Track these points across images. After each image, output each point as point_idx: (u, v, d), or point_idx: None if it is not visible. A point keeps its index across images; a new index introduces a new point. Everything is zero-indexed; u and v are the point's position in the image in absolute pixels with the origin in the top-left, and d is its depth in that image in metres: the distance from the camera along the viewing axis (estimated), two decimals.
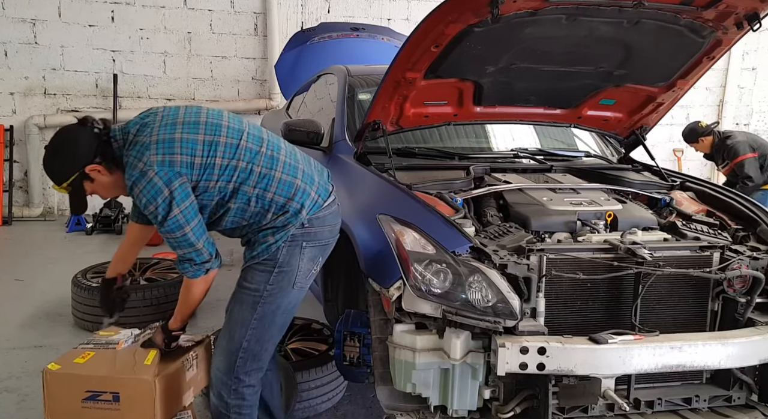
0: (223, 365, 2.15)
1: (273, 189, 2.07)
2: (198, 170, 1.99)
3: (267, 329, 2.13)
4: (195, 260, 2.03)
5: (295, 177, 2.11)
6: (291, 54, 5.65)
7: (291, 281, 2.11)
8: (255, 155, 2.07)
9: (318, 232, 2.15)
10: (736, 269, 2.28)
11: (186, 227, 1.97)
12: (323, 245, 2.20)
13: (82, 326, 3.75)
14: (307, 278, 2.17)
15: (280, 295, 2.11)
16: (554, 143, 3.51)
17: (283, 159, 2.13)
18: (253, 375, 2.15)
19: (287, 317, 2.19)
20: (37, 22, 6.69)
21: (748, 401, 2.35)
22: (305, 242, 2.11)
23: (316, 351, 3.01)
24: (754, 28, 2.57)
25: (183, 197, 1.95)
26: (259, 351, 2.14)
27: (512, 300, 2.07)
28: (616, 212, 2.51)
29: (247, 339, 2.11)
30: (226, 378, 2.14)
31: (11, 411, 2.80)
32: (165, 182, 1.93)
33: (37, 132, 6.78)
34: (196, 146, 1.99)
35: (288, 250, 2.09)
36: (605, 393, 2.07)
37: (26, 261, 5.26)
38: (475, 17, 2.37)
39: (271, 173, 2.08)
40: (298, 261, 2.11)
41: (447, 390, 2.14)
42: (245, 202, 2.07)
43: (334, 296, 3.01)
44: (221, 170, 2.02)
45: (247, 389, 2.15)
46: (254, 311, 2.10)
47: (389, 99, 2.81)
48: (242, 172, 2.04)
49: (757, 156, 5.26)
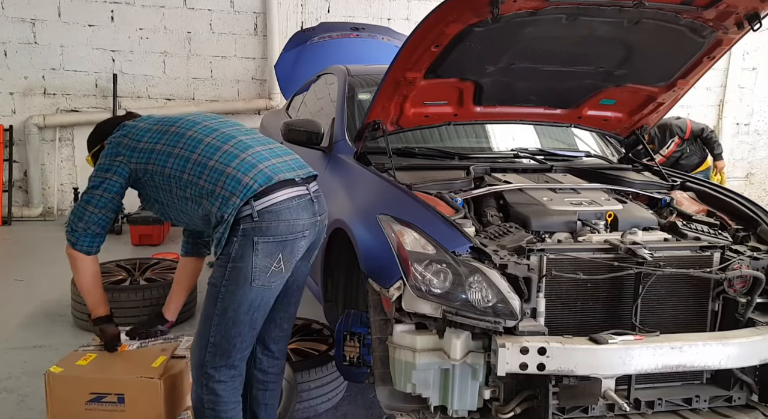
0: (194, 359, 2.15)
1: (204, 177, 2.08)
2: (138, 153, 2.18)
3: (231, 325, 2.09)
4: (69, 222, 2.23)
5: (228, 165, 2.07)
6: (291, 54, 5.64)
7: (247, 278, 2.04)
8: (197, 144, 2.14)
9: (270, 226, 2.04)
10: (737, 270, 2.28)
11: (87, 192, 2.22)
12: (281, 241, 2.07)
13: (81, 326, 3.74)
14: (268, 275, 2.07)
15: (239, 292, 2.06)
16: (554, 143, 3.51)
17: (226, 148, 2.12)
18: (222, 371, 2.11)
19: (255, 315, 2.12)
20: (36, 22, 6.69)
21: (748, 401, 2.35)
22: (256, 236, 2.03)
23: (316, 351, 3.01)
24: (755, 28, 2.57)
25: (104, 169, 2.20)
26: (227, 347, 2.10)
27: (512, 300, 2.06)
28: (616, 212, 2.51)
29: (212, 334, 2.10)
30: (197, 372, 2.14)
31: (11, 411, 2.80)
32: (105, 154, 2.23)
33: (36, 132, 6.78)
34: (145, 134, 2.21)
35: (240, 245, 2.03)
36: (605, 393, 2.07)
37: (26, 261, 5.26)
38: (475, 17, 2.36)
39: (205, 161, 2.10)
40: (252, 256, 2.03)
41: (447, 391, 2.13)
42: (182, 190, 2.13)
43: (334, 296, 3.01)
44: (158, 155, 2.15)
45: (217, 384, 2.11)
46: (215, 307, 2.09)
47: (389, 99, 2.81)
48: (177, 159, 2.13)
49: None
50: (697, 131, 5.91)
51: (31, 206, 6.91)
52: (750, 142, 8.36)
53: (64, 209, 7.01)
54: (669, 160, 5.76)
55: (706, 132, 5.92)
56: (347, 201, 2.64)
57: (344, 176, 2.93)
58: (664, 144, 5.88)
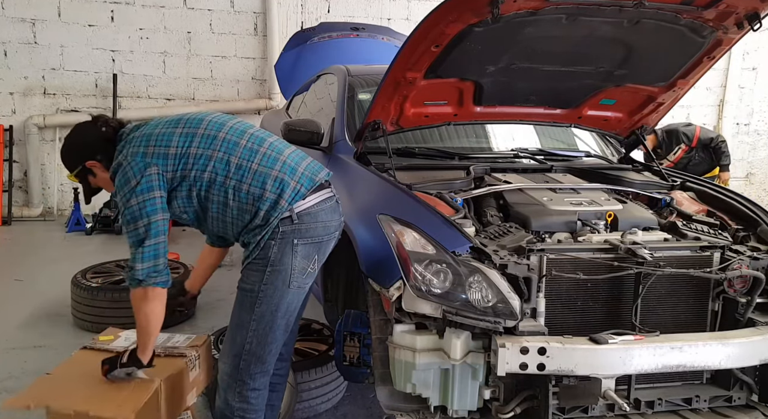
0: (228, 368, 2.13)
1: (248, 180, 2.03)
2: (172, 159, 2.02)
3: (268, 331, 2.09)
4: (134, 266, 1.99)
5: (272, 168, 2.06)
6: (291, 54, 5.64)
7: (286, 281, 2.06)
8: (233, 147, 2.07)
9: (309, 228, 2.08)
10: (737, 270, 2.28)
11: (139, 221, 1.98)
12: (317, 243, 2.12)
13: (81, 326, 3.75)
14: (305, 276, 2.11)
15: (277, 295, 2.07)
16: (554, 143, 3.51)
17: (264, 151, 2.09)
18: (258, 378, 2.12)
19: (290, 318, 2.14)
20: (36, 22, 6.69)
21: (748, 401, 2.35)
22: (296, 239, 2.05)
23: (316, 351, 3.01)
24: (755, 28, 2.57)
25: (144, 189, 1.98)
26: (263, 353, 2.11)
27: (512, 300, 2.07)
28: (616, 212, 2.51)
29: (249, 341, 2.09)
30: (231, 380, 2.12)
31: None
32: (135, 171, 1.99)
33: (36, 132, 6.78)
34: (172, 138, 2.05)
35: (279, 248, 2.04)
36: (605, 393, 2.07)
37: (26, 261, 5.26)
38: (475, 17, 2.36)
39: (247, 164, 2.05)
40: (291, 259, 2.05)
41: (447, 391, 2.13)
42: (224, 195, 2.05)
43: (334, 296, 3.01)
44: (195, 159, 2.03)
45: (251, 392, 2.12)
46: (252, 313, 2.08)
47: (389, 99, 2.81)
48: (218, 162, 2.04)
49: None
50: (706, 139, 5.75)
51: (31, 206, 6.91)
52: (750, 142, 8.36)
53: (64, 209, 7.01)
54: (677, 166, 5.65)
55: (715, 142, 5.74)
56: (347, 201, 2.63)
57: (344, 176, 2.93)
58: (671, 150, 5.76)
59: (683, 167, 5.65)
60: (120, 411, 2.04)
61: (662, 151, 5.79)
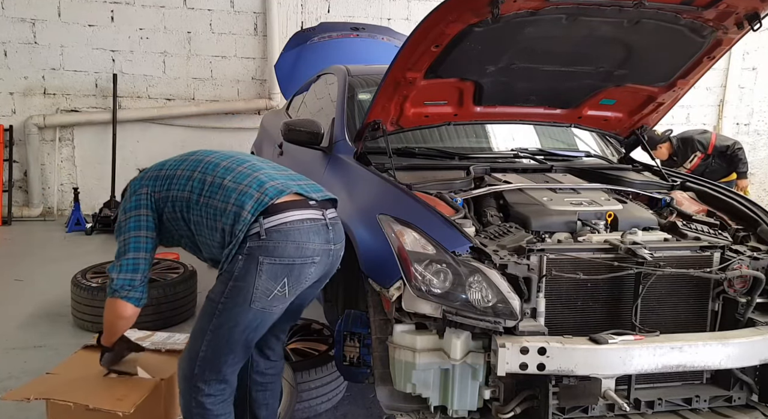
0: (183, 371, 2.08)
1: (217, 197, 2.03)
2: (161, 180, 2.12)
3: (224, 343, 2.01)
4: (111, 275, 2.06)
5: (240, 183, 2.03)
6: (291, 54, 5.64)
7: (247, 299, 1.96)
8: (213, 167, 2.10)
9: (278, 247, 1.96)
10: (737, 270, 2.28)
11: (122, 235, 2.09)
12: (288, 265, 1.98)
13: (81, 326, 3.75)
14: (269, 299, 1.98)
15: (236, 311, 1.98)
16: (554, 143, 3.51)
17: (240, 169, 2.09)
18: (212, 384, 2.04)
19: (250, 335, 2.04)
20: (36, 22, 6.69)
21: (748, 401, 2.35)
22: (261, 256, 1.94)
23: (316, 351, 3.01)
24: (755, 28, 2.57)
25: (132, 207, 2.10)
26: (218, 363, 2.03)
27: (512, 300, 2.07)
28: (616, 212, 2.51)
29: (203, 349, 2.02)
30: (185, 385, 2.06)
31: (11, 411, 2.79)
32: (129, 192, 2.15)
33: (36, 132, 6.79)
34: (166, 163, 2.18)
35: (244, 264, 1.96)
36: (605, 393, 2.07)
37: (26, 261, 5.26)
38: (475, 17, 2.36)
39: (219, 181, 2.06)
40: (254, 278, 1.95)
41: (447, 391, 2.13)
42: (198, 214, 2.06)
43: (334, 296, 3.00)
44: (178, 179, 2.11)
45: (206, 398, 2.04)
46: (210, 323, 2.02)
47: (389, 99, 2.81)
48: (195, 181, 2.08)
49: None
50: (722, 147, 5.70)
51: (31, 206, 6.92)
52: (750, 142, 8.36)
53: (64, 209, 7.02)
54: (694, 173, 5.57)
55: (731, 149, 5.68)
56: (347, 201, 2.63)
57: (344, 176, 2.93)
58: (686, 158, 5.73)
59: (700, 174, 5.56)
60: (120, 404, 2.05)
61: (678, 159, 5.77)
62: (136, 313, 2.12)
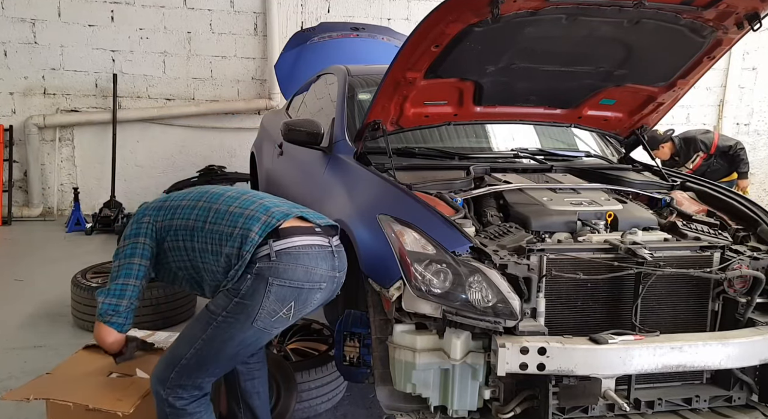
0: (159, 374, 2.06)
1: (224, 222, 2.06)
2: (164, 211, 2.15)
3: (212, 354, 2.01)
4: (98, 298, 2.08)
5: (245, 209, 2.08)
6: (291, 54, 5.65)
7: (250, 317, 1.98)
8: (218, 197, 2.16)
9: (288, 269, 1.99)
10: (737, 270, 2.28)
11: (117, 260, 2.11)
12: (296, 288, 2.01)
13: (81, 326, 3.75)
14: (273, 320, 2.00)
15: (236, 326, 1.99)
16: (554, 143, 3.51)
17: (245, 197, 2.15)
18: (187, 389, 2.04)
19: (241, 351, 2.06)
20: (36, 22, 6.69)
21: (748, 401, 2.35)
22: (271, 277, 1.97)
23: (316, 351, 3.01)
24: (755, 28, 2.57)
25: (132, 234, 2.13)
26: (197, 371, 2.03)
27: (512, 300, 2.06)
28: (616, 212, 2.51)
29: (187, 358, 2.02)
30: (159, 387, 2.04)
31: (11, 411, 2.80)
32: (133, 221, 2.18)
33: (36, 132, 6.79)
34: (171, 195, 2.23)
35: (253, 283, 1.97)
36: (605, 393, 2.07)
37: (26, 261, 5.26)
38: (475, 17, 2.36)
39: (225, 208, 2.10)
40: (262, 297, 1.96)
41: (447, 391, 2.13)
42: (203, 241, 2.08)
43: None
44: (182, 209, 2.14)
45: (178, 400, 2.03)
46: (204, 332, 2.01)
47: (389, 99, 2.81)
48: (200, 210, 2.12)
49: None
50: (724, 147, 5.73)
51: (31, 206, 6.92)
52: (750, 142, 8.35)
53: (64, 209, 7.02)
54: (695, 173, 5.55)
55: (734, 149, 5.71)
56: (347, 201, 2.64)
57: (344, 176, 2.93)
58: (688, 158, 5.75)
59: (701, 173, 5.59)
60: (119, 404, 2.05)
61: (680, 159, 5.79)
62: (119, 339, 2.14)
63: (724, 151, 5.74)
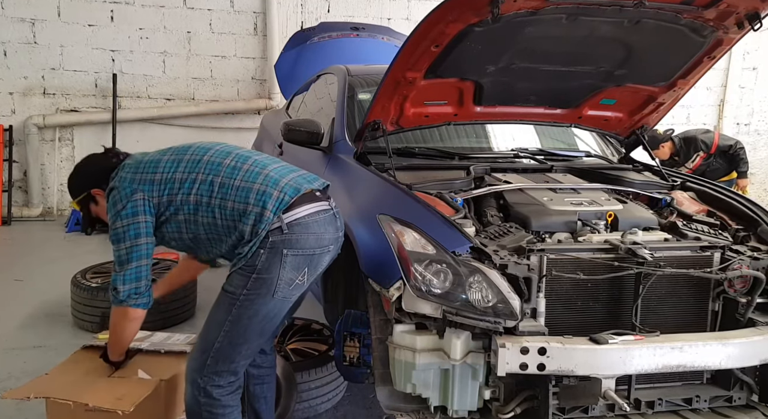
0: (195, 363, 2.11)
1: (232, 197, 2.06)
2: (158, 185, 2.10)
3: (241, 333, 2.07)
4: (116, 287, 2.07)
5: (254, 182, 2.08)
6: (291, 54, 5.64)
7: (270, 290, 2.04)
8: (217, 167, 2.12)
9: (300, 239, 2.05)
10: (737, 270, 2.28)
11: (122, 243, 2.06)
12: (309, 255, 2.08)
13: (81, 326, 3.75)
14: (291, 288, 2.08)
15: (258, 301, 2.05)
16: (555, 143, 3.51)
17: (246, 168, 2.13)
18: (224, 376, 2.09)
19: (267, 325, 2.12)
20: (36, 22, 6.69)
21: (748, 401, 2.35)
22: (286, 249, 2.03)
23: (316, 351, 3.01)
24: (755, 28, 2.57)
25: (129, 214, 2.06)
26: (231, 353, 2.08)
27: (512, 301, 2.06)
28: (616, 212, 2.51)
29: (219, 340, 2.07)
30: (197, 375, 2.09)
31: (11, 412, 2.80)
32: (121, 196, 2.08)
33: (36, 132, 6.79)
34: (159, 164, 2.14)
35: (267, 257, 2.02)
36: (605, 393, 2.07)
37: (26, 261, 5.26)
38: (475, 17, 2.36)
39: (230, 182, 2.08)
40: (279, 269, 2.03)
41: (447, 391, 2.13)
42: (211, 215, 2.08)
43: (334, 296, 3.00)
44: (180, 183, 2.10)
45: (215, 389, 2.08)
46: (229, 314, 2.06)
47: (389, 99, 2.81)
48: (202, 184, 2.09)
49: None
50: (724, 146, 5.75)
51: (31, 206, 6.92)
52: (750, 142, 8.36)
53: (64, 209, 7.01)
54: (695, 173, 5.56)
55: (733, 148, 5.73)
56: (347, 201, 2.63)
57: (344, 176, 2.93)
58: (688, 158, 5.77)
59: (701, 173, 5.61)
60: (119, 404, 2.05)
61: (680, 158, 5.79)
62: (144, 314, 2.17)
63: (724, 150, 5.76)
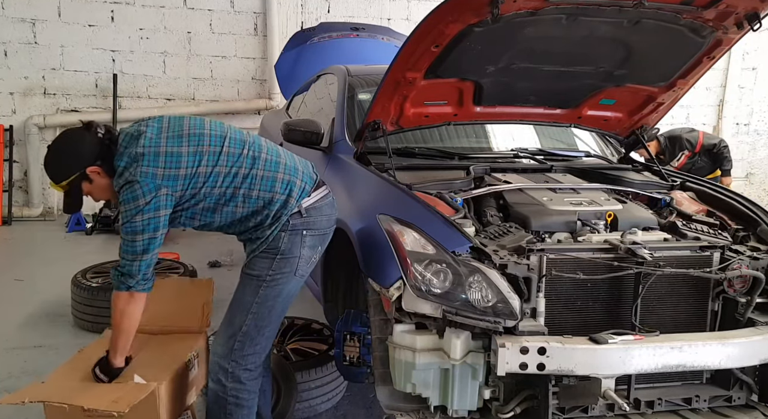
0: (221, 349, 2.22)
1: (257, 186, 2.17)
2: (183, 180, 2.10)
3: (266, 314, 2.20)
4: (130, 274, 2.08)
5: (276, 171, 2.21)
6: (291, 54, 5.64)
7: (293, 269, 2.21)
8: (237, 158, 2.17)
9: (316, 221, 2.26)
10: (737, 269, 2.28)
11: (140, 235, 2.05)
12: (322, 235, 2.31)
13: (81, 326, 3.75)
14: (308, 265, 2.27)
15: (283, 281, 2.20)
16: (554, 143, 3.51)
17: (264, 157, 2.22)
18: (249, 359, 2.21)
19: (286, 304, 2.26)
20: (36, 22, 6.69)
21: (748, 401, 2.35)
22: (305, 230, 2.22)
23: (316, 351, 3.01)
24: (755, 28, 2.57)
25: (152, 208, 2.05)
26: (257, 336, 2.20)
27: (512, 300, 2.07)
28: (616, 212, 2.51)
29: (247, 323, 2.18)
30: (224, 361, 2.20)
31: (10, 412, 2.79)
32: (144, 191, 2.03)
33: (36, 132, 6.78)
34: (181, 159, 2.10)
35: (289, 238, 2.19)
36: (605, 393, 2.07)
37: (26, 261, 5.26)
38: (475, 17, 2.36)
39: (253, 171, 2.18)
40: (300, 249, 2.21)
41: (447, 390, 2.13)
42: (233, 204, 2.18)
43: (334, 296, 3.01)
44: (205, 177, 2.13)
45: (243, 372, 2.20)
46: (256, 295, 2.19)
47: (389, 99, 2.81)
48: (226, 176, 2.15)
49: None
50: (709, 145, 5.80)
51: (31, 206, 6.92)
52: (750, 142, 8.36)
53: None
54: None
55: (718, 147, 5.80)
56: (347, 201, 2.64)
57: (344, 176, 2.93)
58: (674, 157, 5.80)
59: (686, 171, 5.63)
60: (115, 405, 2.05)
61: (665, 157, 5.81)
62: (145, 297, 2.18)
63: (708, 149, 5.82)
